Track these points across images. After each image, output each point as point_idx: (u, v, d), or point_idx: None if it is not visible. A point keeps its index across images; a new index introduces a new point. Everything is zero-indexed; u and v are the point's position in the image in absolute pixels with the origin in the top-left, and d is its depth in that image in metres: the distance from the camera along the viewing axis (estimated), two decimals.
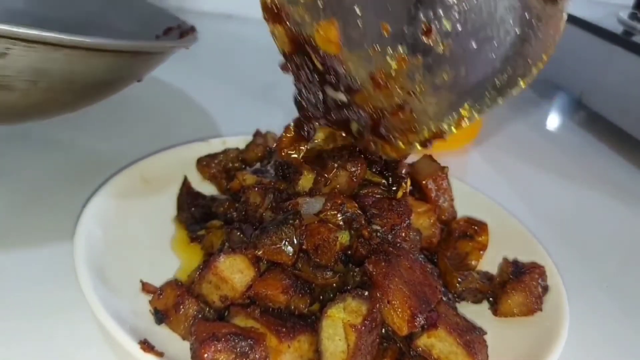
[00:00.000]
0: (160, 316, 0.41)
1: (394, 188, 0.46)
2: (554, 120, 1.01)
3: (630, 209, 0.72)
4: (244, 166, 0.58)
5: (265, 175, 0.51)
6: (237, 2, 0.78)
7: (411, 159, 0.52)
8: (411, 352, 0.40)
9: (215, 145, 0.60)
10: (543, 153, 0.84)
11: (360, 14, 0.42)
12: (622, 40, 0.84)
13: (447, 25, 0.41)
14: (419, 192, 0.55)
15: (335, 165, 0.45)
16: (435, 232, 0.52)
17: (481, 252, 0.53)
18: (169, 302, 0.41)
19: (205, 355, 0.35)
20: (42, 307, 0.44)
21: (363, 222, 0.43)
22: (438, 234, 0.52)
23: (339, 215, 0.43)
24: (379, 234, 0.43)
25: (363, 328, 0.37)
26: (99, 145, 0.66)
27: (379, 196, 0.46)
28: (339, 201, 0.43)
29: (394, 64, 0.43)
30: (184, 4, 1.14)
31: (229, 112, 0.80)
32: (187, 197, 0.55)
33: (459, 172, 0.61)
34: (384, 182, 0.47)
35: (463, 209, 0.57)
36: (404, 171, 0.47)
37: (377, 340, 0.39)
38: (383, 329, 0.40)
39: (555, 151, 0.86)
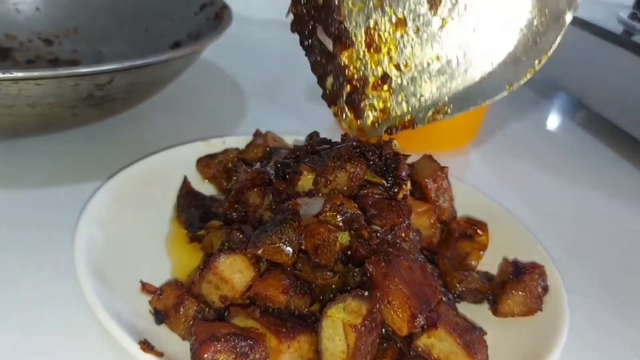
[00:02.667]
0: (160, 316, 0.41)
1: (395, 190, 0.46)
2: (554, 120, 1.00)
3: (630, 209, 0.72)
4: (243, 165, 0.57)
5: (265, 176, 0.50)
6: (238, 2, 0.78)
7: (411, 159, 0.52)
8: (411, 352, 0.40)
9: (215, 145, 0.60)
10: (543, 153, 0.84)
11: None
12: (622, 40, 0.84)
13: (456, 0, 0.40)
14: (419, 192, 0.55)
15: (335, 165, 0.45)
16: (435, 232, 0.52)
17: (481, 252, 0.53)
18: (169, 302, 0.41)
19: (205, 355, 0.35)
20: (42, 307, 0.44)
21: (363, 222, 0.43)
22: (438, 234, 0.52)
23: (338, 216, 0.43)
24: (378, 234, 0.43)
25: (363, 328, 0.37)
26: (99, 145, 0.66)
27: (378, 197, 0.46)
28: (339, 202, 0.43)
29: (391, 25, 0.42)
30: None
31: (229, 112, 0.80)
32: (187, 197, 0.55)
33: (459, 172, 0.61)
34: (384, 183, 0.47)
35: (463, 209, 0.57)
36: (404, 173, 0.47)
37: (377, 340, 0.39)
38: (383, 329, 0.40)
39: (555, 151, 0.86)
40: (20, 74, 0.47)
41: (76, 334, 0.42)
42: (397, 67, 0.42)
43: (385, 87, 0.43)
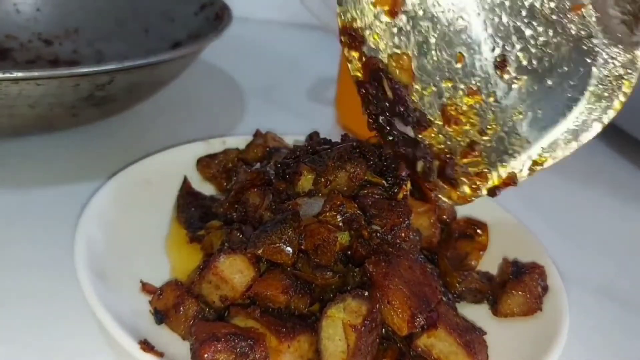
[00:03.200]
0: (160, 316, 0.41)
1: (395, 190, 0.46)
2: None
3: (630, 209, 0.72)
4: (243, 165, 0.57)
5: (265, 176, 0.50)
6: (237, 2, 0.78)
7: None
8: (411, 352, 0.40)
9: (215, 145, 0.60)
10: None
11: (434, 42, 0.41)
12: None
13: (523, 59, 0.40)
14: (419, 192, 0.55)
15: (335, 165, 0.45)
16: (435, 232, 0.52)
17: (481, 252, 0.53)
18: (169, 302, 0.41)
19: (205, 355, 0.35)
20: (41, 307, 0.44)
21: (363, 222, 0.43)
22: (438, 234, 0.52)
23: (338, 216, 0.43)
24: (378, 234, 0.43)
25: (363, 328, 0.37)
26: (99, 145, 0.66)
27: (378, 197, 0.46)
28: (339, 202, 0.43)
29: (465, 97, 0.42)
30: None
31: (229, 112, 0.80)
32: (187, 197, 0.55)
33: None
34: (384, 183, 0.47)
35: (463, 209, 0.56)
36: (404, 173, 0.47)
37: (377, 340, 0.39)
38: (383, 329, 0.40)
39: None
40: (20, 74, 0.48)
41: (76, 334, 0.42)
42: (481, 132, 0.42)
43: (475, 152, 0.43)
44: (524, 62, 0.40)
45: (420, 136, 0.44)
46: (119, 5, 0.82)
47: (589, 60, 0.40)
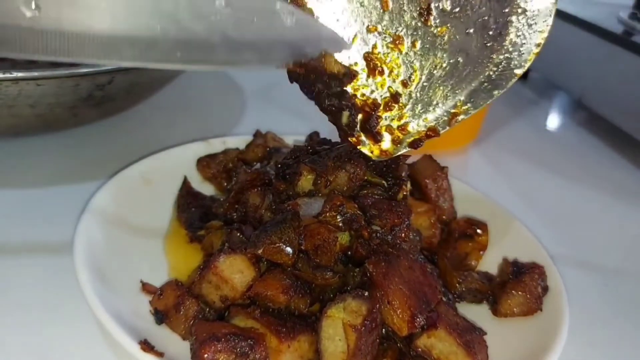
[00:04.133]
0: (160, 316, 0.41)
1: (395, 190, 0.46)
2: (554, 120, 1.01)
3: (630, 209, 0.72)
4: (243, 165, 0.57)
5: (265, 176, 0.50)
6: None
7: (411, 159, 0.52)
8: (411, 353, 0.40)
9: (215, 145, 0.60)
10: (543, 153, 0.84)
11: None
12: (622, 40, 0.84)
13: (446, 5, 0.41)
14: (419, 192, 0.55)
15: (335, 166, 0.45)
16: (435, 233, 0.52)
17: (481, 252, 0.53)
18: (169, 302, 0.41)
19: (205, 355, 0.35)
20: (42, 307, 0.44)
21: (363, 222, 0.43)
22: (438, 234, 0.52)
23: (338, 216, 0.43)
24: (378, 234, 0.43)
25: (363, 328, 0.37)
26: (99, 145, 0.66)
27: (378, 197, 0.46)
28: (338, 202, 0.43)
29: (389, 45, 0.42)
30: None
31: (229, 112, 0.80)
32: (187, 197, 0.55)
33: (459, 172, 0.61)
34: (384, 183, 0.47)
35: (463, 209, 0.57)
36: (404, 173, 0.47)
37: (377, 340, 0.39)
38: (383, 329, 0.40)
39: (555, 151, 0.86)
40: (20, 74, 0.48)
41: (76, 334, 0.42)
42: (404, 83, 0.43)
43: (399, 104, 0.43)
44: (448, 9, 0.41)
45: (345, 87, 0.44)
46: None
47: (507, 10, 0.41)
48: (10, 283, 0.46)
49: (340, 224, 0.43)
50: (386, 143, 0.45)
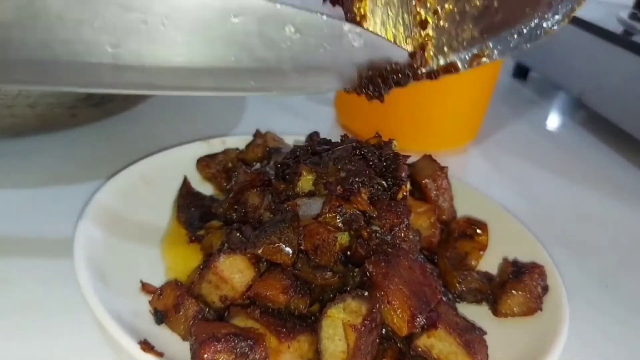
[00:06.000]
0: (160, 316, 0.41)
1: (395, 190, 0.46)
2: (554, 120, 1.01)
3: (630, 209, 0.72)
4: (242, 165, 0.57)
5: (264, 176, 0.50)
6: None
7: (411, 159, 0.52)
8: (411, 352, 0.40)
9: (215, 145, 0.60)
10: (543, 153, 0.84)
11: None
12: (622, 40, 0.84)
13: None
14: (419, 192, 0.55)
15: (336, 167, 0.45)
16: (435, 232, 0.52)
17: (481, 252, 0.53)
18: (169, 303, 0.41)
19: (205, 355, 0.35)
20: (42, 307, 0.44)
21: (362, 222, 0.43)
22: (438, 234, 0.52)
23: (337, 217, 0.43)
24: (378, 234, 0.43)
25: (363, 328, 0.37)
26: (99, 145, 0.66)
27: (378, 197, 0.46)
28: (337, 203, 0.43)
29: None
30: None
31: (229, 112, 0.80)
32: (187, 197, 0.55)
33: (459, 172, 0.61)
34: (384, 183, 0.47)
35: (463, 209, 0.57)
36: (404, 174, 0.47)
37: (377, 340, 0.39)
38: (383, 329, 0.40)
39: (555, 151, 0.86)
40: None
41: (76, 334, 0.42)
42: (436, 12, 0.42)
43: (426, 31, 0.43)
44: None
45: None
46: None
47: None
48: (9, 283, 0.46)
49: (340, 224, 0.43)
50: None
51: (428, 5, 0.43)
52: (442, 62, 0.44)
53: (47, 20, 0.28)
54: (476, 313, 0.47)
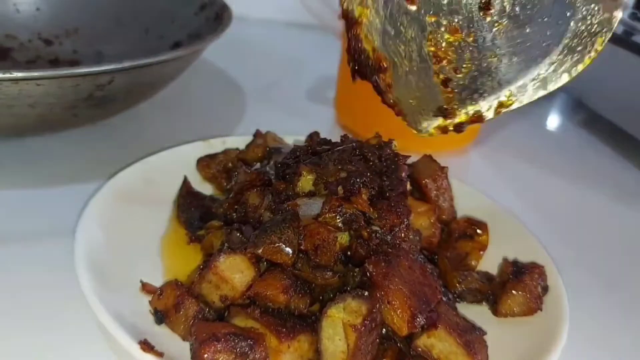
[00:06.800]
0: (160, 316, 0.41)
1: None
2: (554, 120, 1.00)
3: (630, 209, 0.72)
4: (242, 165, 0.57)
5: (264, 176, 0.50)
6: (237, 2, 0.78)
7: (411, 159, 0.52)
8: (411, 352, 0.40)
9: (215, 145, 0.60)
10: (543, 153, 0.84)
11: None
12: (622, 40, 0.84)
13: (507, 3, 0.41)
14: (419, 192, 0.55)
15: (336, 168, 0.45)
16: (435, 232, 0.52)
17: (481, 252, 0.53)
18: (169, 302, 0.41)
19: (205, 355, 0.35)
20: (42, 307, 0.44)
21: (362, 222, 0.43)
22: (438, 234, 0.52)
23: (337, 217, 0.43)
24: (378, 234, 0.43)
25: (363, 328, 0.37)
26: (99, 145, 0.66)
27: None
28: (337, 203, 0.43)
29: (446, 34, 0.43)
30: None
31: (229, 112, 0.80)
32: (187, 197, 0.55)
33: (459, 172, 0.61)
34: (384, 184, 0.47)
35: (463, 209, 0.57)
36: (404, 174, 0.47)
37: (377, 340, 0.39)
38: (383, 329, 0.40)
39: (555, 151, 0.86)
40: (20, 74, 0.47)
41: (76, 333, 0.42)
42: (456, 69, 0.43)
43: (448, 89, 0.44)
44: (508, 8, 0.41)
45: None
46: (119, 5, 0.82)
47: (568, 14, 0.41)
48: (10, 283, 0.46)
49: (340, 224, 0.43)
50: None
51: (449, 63, 0.44)
52: (470, 112, 0.45)
53: None
54: (476, 313, 0.47)
